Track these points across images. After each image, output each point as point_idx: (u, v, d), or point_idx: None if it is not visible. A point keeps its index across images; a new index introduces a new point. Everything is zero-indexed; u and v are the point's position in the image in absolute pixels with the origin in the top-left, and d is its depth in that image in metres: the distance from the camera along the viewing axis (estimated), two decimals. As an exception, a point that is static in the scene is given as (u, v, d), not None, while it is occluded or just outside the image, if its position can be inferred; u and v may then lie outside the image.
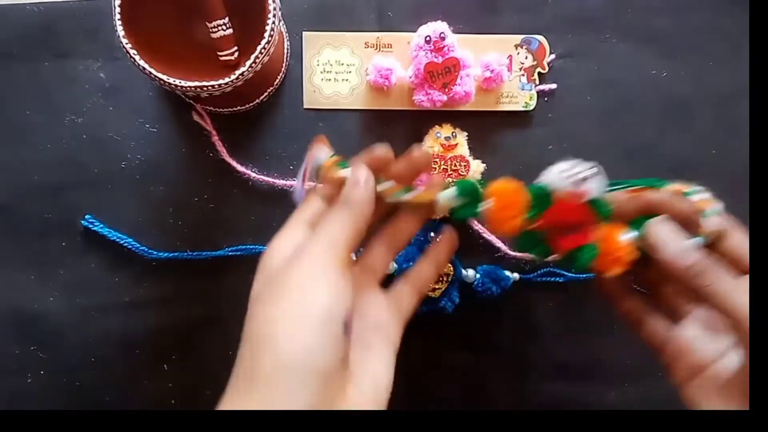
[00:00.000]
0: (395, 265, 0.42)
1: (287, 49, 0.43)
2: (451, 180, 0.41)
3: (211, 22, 0.36)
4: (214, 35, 0.37)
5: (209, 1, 0.36)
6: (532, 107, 0.44)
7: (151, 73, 0.34)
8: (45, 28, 0.42)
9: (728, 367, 0.30)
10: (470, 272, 0.43)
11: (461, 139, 0.42)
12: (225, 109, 0.42)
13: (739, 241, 0.31)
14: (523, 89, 0.43)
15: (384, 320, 0.31)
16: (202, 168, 0.43)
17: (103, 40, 0.42)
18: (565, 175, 0.29)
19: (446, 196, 0.31)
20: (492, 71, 0.41)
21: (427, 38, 0.40)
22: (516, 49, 0.43)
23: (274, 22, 0.34)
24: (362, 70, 0.43)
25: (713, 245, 0.30)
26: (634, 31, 0.44)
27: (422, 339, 0.44)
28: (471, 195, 0.30)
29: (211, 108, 0.42)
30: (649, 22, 0.44)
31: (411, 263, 0.41)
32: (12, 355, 0.43)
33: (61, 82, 0.42)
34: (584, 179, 0.28)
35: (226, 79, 0.34)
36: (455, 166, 0.41)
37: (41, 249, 0.43)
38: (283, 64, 0.42)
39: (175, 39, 0.37)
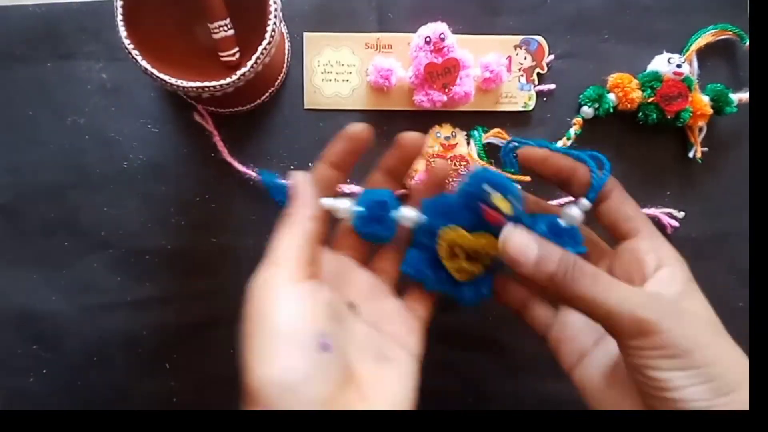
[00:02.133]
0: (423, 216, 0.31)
1: (288, 49, 0.43)
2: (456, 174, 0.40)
3: (212, 23, 0.37)
4: (215, 36, 0.37)
5: (211, 2, 0.36)
6: (531, 107, 0.44)
7: (152, 73, 0.34)
8: (47, 28, 0.42)
9: (610, 351, 0.30)
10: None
11: (461, 138, 0.42)
12: (226, 110, 0.42)
13: (617, 201, 0.30)
14: (522, 89, 0.44)
15: (399, 329, 0.29)
16: (204, 168, 0.43)
17: (105, 41, 0.42)
18: (669, 63, 0.41)
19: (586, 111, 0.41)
20: (491, 72, 0.41)
21: (427, 39, 0.40)
22: (515, 49, 0.43)
23: (275, 23, 0.34)
24: (362, 71, 0.43)
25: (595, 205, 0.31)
26: (632, 32, 0.44)
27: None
28: (597, 98, 0.41)
29: (213, 108, 0.42)
30: (647, 23, 0.44)
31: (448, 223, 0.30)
32: (14, 355, 0.43)
33: (63, 82, 0.42)
34: (679, 65, 0.41)
35: (228, 80, 0.34)
36: (455, 165, 0.41)
37: (43, 249, 0.43)
38: (284, 65, 0.43)
39: (176, 40, 0.37)
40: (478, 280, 0.31)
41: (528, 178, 0.38)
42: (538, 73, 0.44)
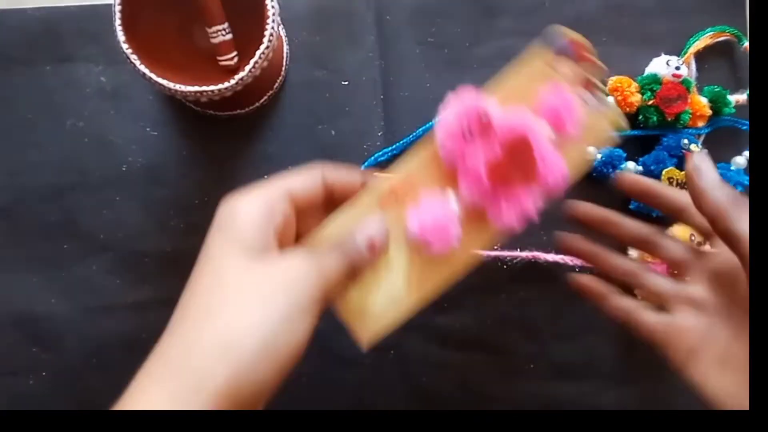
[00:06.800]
0: (639, 168, 0.43)
1: (286, 52, 0.43)
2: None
3: (210, 28, 0.37)
4: (213, 40, 0.37)
5: (209, 6, 0.36)
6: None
7: (151, 78, 0.34)
8: (46, 32, 0.42)
9: (720, 340, 0.31)
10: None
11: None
12: (224, 113, 0.42)
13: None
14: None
15: None
16: (203, 171, 0.43)
17: (104, 45, 0.42)
18: (668, 65, 0.42)
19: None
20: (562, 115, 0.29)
21: (468, 129, 0.26)
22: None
23: (273, 27, 0.34)
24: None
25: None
26: (630, 35, 0.44)
27: (421, 338, 0.44)
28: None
29: (211, 111, 0.42)
30: (645, 26, 0.44)
31: (661, 165, 0.42)
32: (14, 357, 0.43)
33: (63, 86, 0.43)
34: (677, 67, 0.42)
35: (226, 84, 0.34)
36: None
37: (43, 251, 0.43)
38: (283, 68, 0.43)
39: (175, 44, 0.38)
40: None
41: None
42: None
